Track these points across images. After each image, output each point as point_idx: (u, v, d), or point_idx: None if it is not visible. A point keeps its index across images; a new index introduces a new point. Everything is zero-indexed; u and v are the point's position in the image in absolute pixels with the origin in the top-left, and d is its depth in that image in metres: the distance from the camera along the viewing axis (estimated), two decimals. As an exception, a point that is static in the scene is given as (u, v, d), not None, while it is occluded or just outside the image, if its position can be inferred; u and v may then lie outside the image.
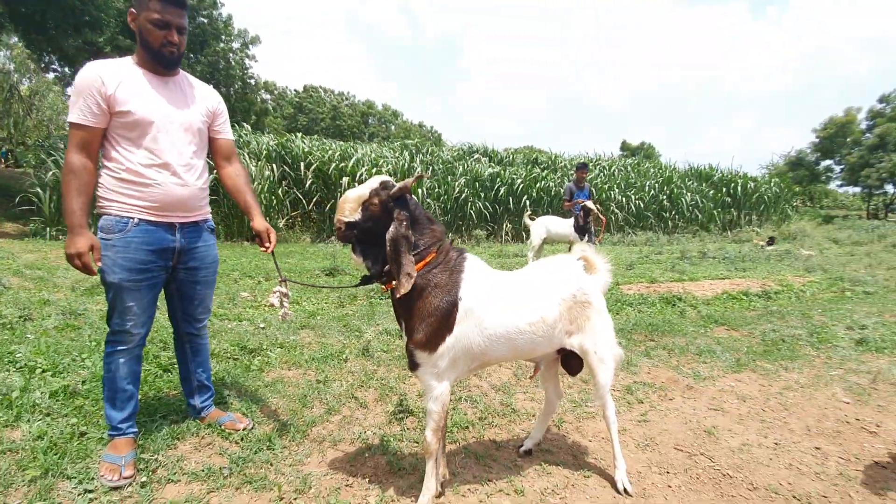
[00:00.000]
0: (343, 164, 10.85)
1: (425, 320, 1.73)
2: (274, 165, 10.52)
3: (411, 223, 1.76)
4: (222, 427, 2.28)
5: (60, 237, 8.42)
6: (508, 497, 1.98)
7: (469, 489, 2.01)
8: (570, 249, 8.04)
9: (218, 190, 7.69)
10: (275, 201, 10.17)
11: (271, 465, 2.09)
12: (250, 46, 24.80)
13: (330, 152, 11.34)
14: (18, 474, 1.88)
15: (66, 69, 17.18)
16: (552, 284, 1.92)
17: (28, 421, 2.24)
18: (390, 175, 10.59)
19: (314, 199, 10.66)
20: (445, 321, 1.74)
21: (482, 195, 11.93)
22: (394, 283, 1.72)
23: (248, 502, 1.87)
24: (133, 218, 1.89)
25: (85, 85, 1.77)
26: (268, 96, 27.13)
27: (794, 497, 2.03)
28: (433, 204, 10.77)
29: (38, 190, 8.65)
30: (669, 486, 2.09)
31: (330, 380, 2.96)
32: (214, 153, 2.18)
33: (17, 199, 8.93)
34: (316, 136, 15.11)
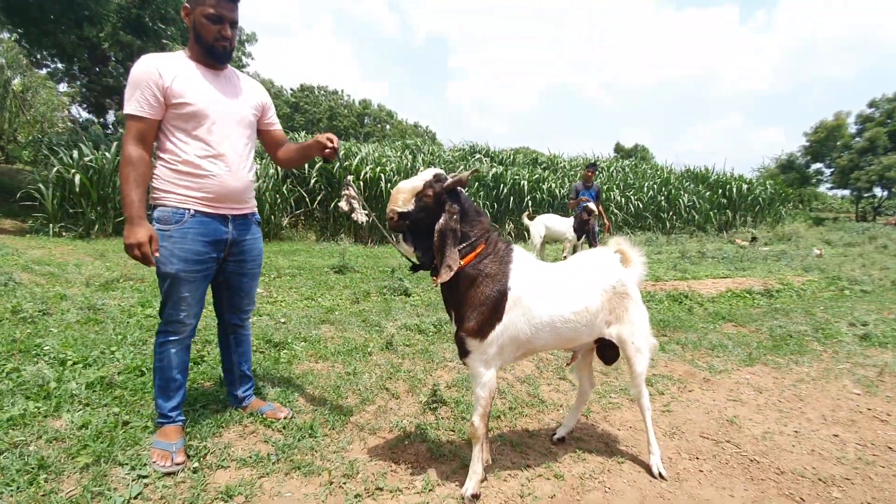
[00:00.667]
0: (347, 163, 10.87)
1: (477, 309, 1.79)
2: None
3: (461, 216, 1.82)
4: (264, 416, 2.33)
5: (64, 234, 8.37)
6: (548, 481, 2.05)
7: (509, 474, 2.08)
8: (571, 249, 8.09)
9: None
10: (279, 199, 10.17)
11: (315, 451, 2.14)
12: (246, 45, 24.73)
13: (332, 151, 11.33)
14: (69, 462, 1.92)
15: (61, 65, 16.97)
16: (594, 276, 2.00)
17: (68, 411, 2.27)
18: (394, 174, 10.65)
19: (318, 198, 10.67)
20: (496, 310, 1.80)
21: (483, 195, 12.02)
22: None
23: (299, 487, 1.92)
24: (189, 209, 1.92)
25: (142, 77, 1.80)
26: (265, 95, 27.02)
27: (820, 480, 2.12)
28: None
29: (41, 186, 8.57)
30: (701, 471, 2.17)
31: (359, 372, 3.01)
32: (269, 145, 2.23)
33: (17, 195, 8.84)
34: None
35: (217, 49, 1.94)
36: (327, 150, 2.11)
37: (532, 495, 1.94)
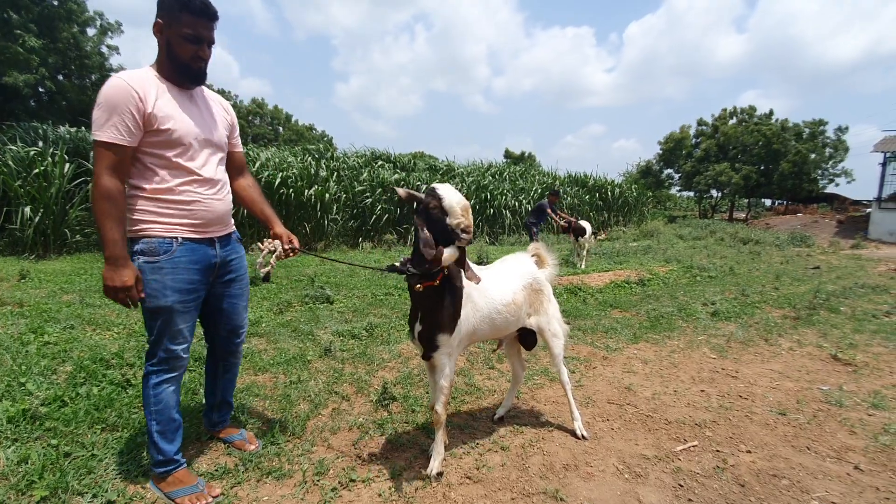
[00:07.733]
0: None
1: (447, 308, 2.06)
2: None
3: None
4: (231, 445, 2.28)
5: None
6: (497, 454, 2.39)
7: (464, 452, 2.39)
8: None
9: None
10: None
11: (281, 457, 2.24)
12: (110, 34, 21.96)
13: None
14: (21, 498, 1.82)
15: None
16: (516, 276, 2.39)
17: (-4, 449, 2.09)
18: (298, 180, 10.38)
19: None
20: (458, 306, 2.09)
21: (396, 199, 12.21)
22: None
23: (274, 490, 2.02)
24: (177, 238, 1.83)
25: (120, 100, 1.65)
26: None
27: (696, 424, 2.75)
28: (341, 209, 10.77)
29: None
30: (612, 429, 2.68)
31: (304, 380, 3.10)
32: (229, 166, 2.11)
33: None
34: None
35: (193, 69, 1.82)
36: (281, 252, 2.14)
37: (486, 466, 2.26)
